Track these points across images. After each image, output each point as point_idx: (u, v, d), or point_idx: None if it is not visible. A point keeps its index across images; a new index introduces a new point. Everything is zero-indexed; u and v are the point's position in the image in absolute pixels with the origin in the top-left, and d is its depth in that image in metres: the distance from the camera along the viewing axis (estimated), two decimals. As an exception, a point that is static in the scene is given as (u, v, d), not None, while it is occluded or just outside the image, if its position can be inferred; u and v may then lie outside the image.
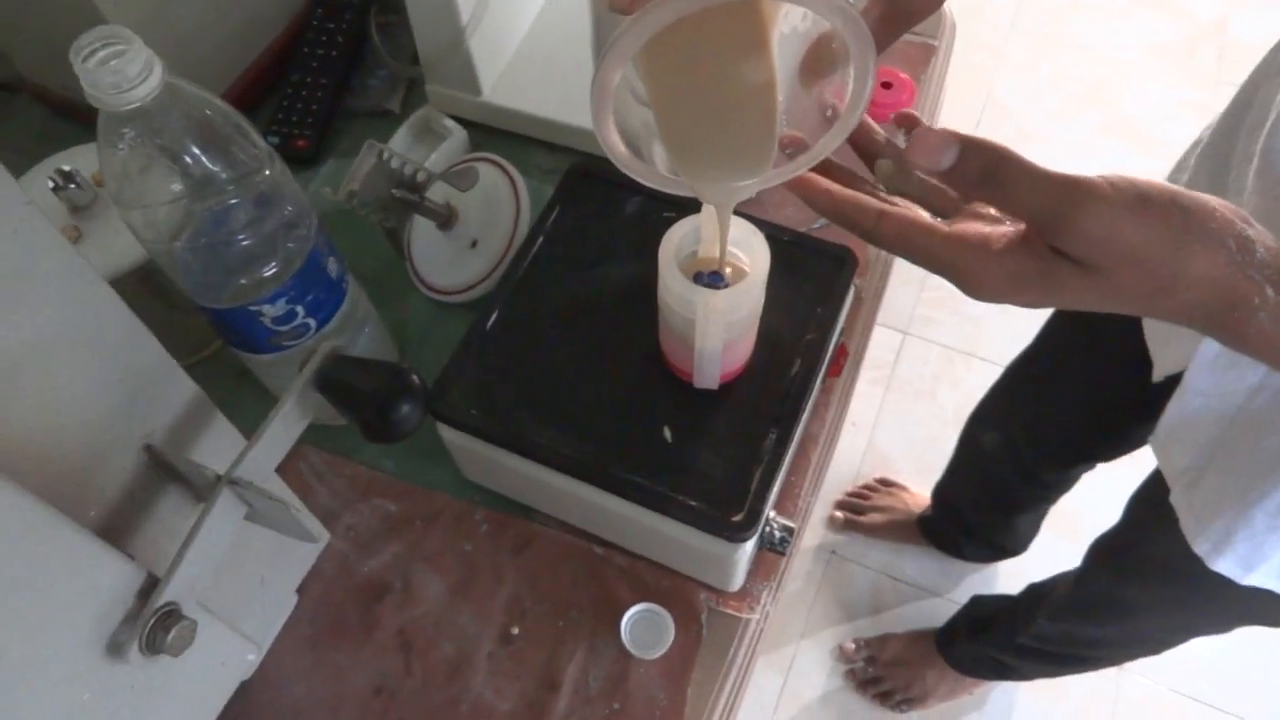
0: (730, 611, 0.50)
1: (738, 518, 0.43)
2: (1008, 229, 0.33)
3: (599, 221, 0.54)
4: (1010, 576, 1.29)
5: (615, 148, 0.34)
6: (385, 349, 0.57)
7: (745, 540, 0.44)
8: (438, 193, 0.57)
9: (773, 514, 0.47)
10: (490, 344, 0.49)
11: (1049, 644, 0.95)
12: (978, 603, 1.16)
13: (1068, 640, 0.92)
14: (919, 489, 1.36)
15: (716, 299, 0.40)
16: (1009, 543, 1.22)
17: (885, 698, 1.19)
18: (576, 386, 0.48)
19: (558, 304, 0.51)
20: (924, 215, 0.35)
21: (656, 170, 0.37)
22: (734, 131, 0.37)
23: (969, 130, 0.32)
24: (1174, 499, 0.56)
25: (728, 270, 0.44)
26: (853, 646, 1.23)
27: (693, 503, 0.44)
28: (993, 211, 0.34)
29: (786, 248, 0.50)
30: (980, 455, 1.08)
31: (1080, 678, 1.16)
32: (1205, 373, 0.52)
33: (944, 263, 0.33)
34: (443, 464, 0.54)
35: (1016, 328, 0.99)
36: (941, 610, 1.29)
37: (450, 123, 0.67)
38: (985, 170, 0.31)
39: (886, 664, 1.20)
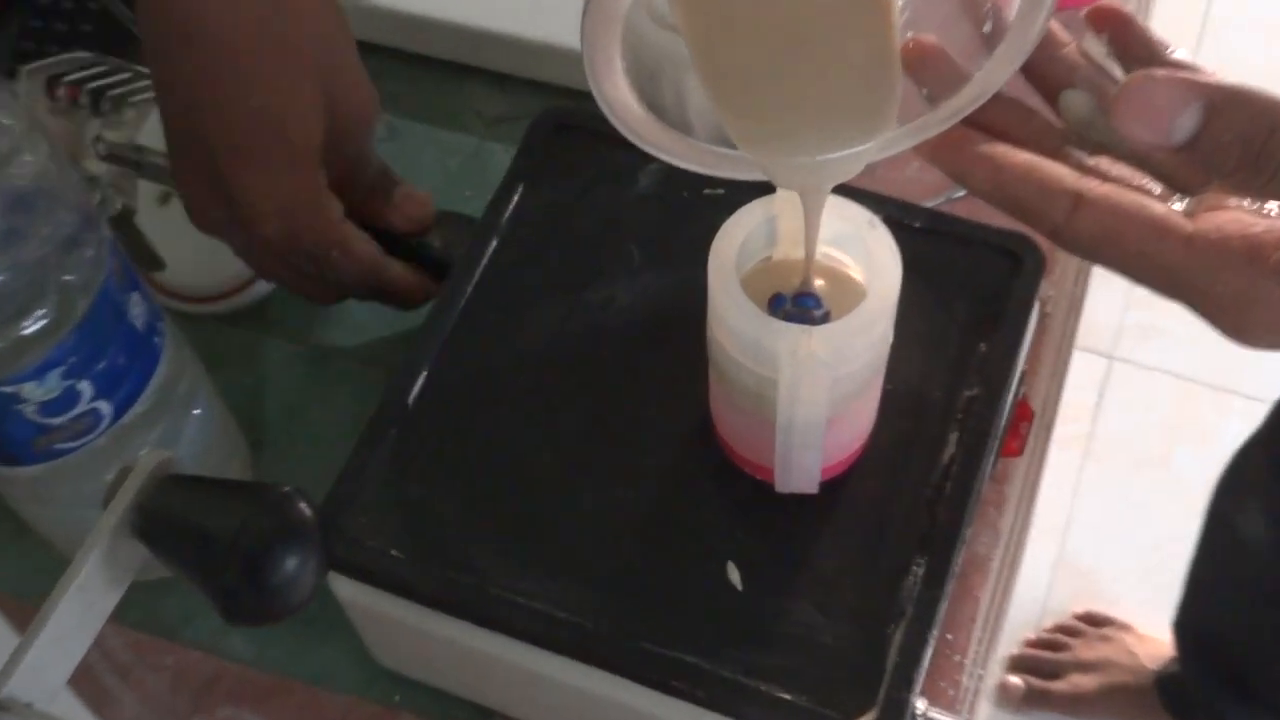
0: None
1: (867, 717, 0.43)
2: None
3: (590, 207, 0.55)
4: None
5: (626, 107, 0.36)
6: (227, 444, 0.58)
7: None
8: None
9: (923, 705, 0.47)
10: (415, 430, 0.50)
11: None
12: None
13: None
14: (1152, 627, 1.36)
15: (813, 340, 0.41)
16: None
17: None
18: (568, 500, 0.48)
19: (528, 356, 0.51)
20: (1150, 200, 0.36)
21: (696, 143, 0.37)
22: (826, 64, 0.38)
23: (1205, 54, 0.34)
24: None
25: (819, 284, 0.45)
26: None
27: (784, 694, 0.44)
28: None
29: (918, 241, 0.51)
30: (1244, 550, 1.09)
31: None
32: None
33: (1189, 282, 0.35)
34: (335, 640, 0.55)
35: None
36: None
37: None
38: (1251, 143, 0.33)
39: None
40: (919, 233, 0.52)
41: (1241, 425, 1.07)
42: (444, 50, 0.71)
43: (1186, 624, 1.24)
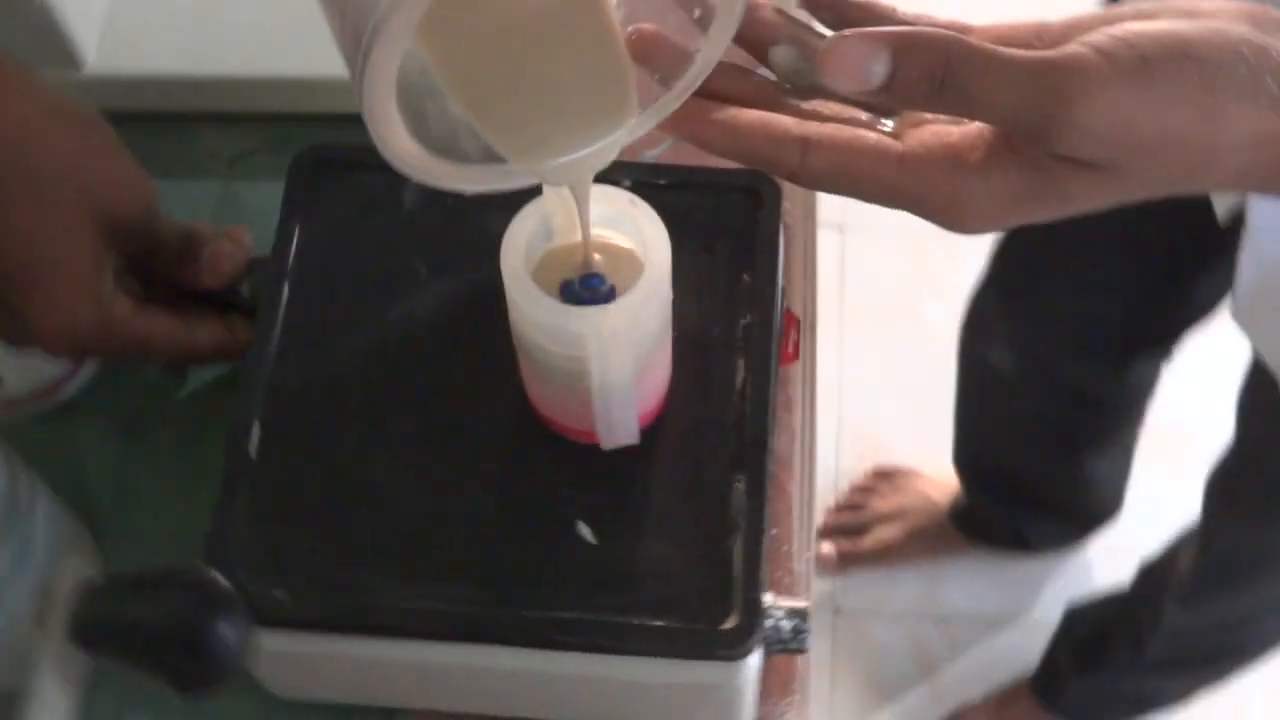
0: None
1: (730, 621, 0.49)
2: (981, 129, 0.40)
3: (368, 233, 0.57)
4: (1108, 562, 1.42)
5: (411, 155, 0.39)
6: (77, 538, 0.58)
7: (748, 651, 0.49)
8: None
9: (771, 597, 0.52)
10: (265, 478, 0.52)
11: (1191, 641, 1.08)
12: (1076, 617, 1.29)
13: (1213, 628, 1.05)
14: (936, 468, 1.47)
15: (611, 318, 0.45)
16: (1087, 505, 1.35)
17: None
18: (422, 502, 0.52)
19: (349, 383, 0.54)
20: (863, 132, 0.41)
21: (474, 168, 0.41)
22: (565, 72, 0.42)
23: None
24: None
25: (599, 261, 0.49)
26: None
27: (656, 621, 0.49)
28: None
29: (670, 197, 0.56)
30: (997, 382, 1.20)
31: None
32: (1273, 205, 0.63)
33: (907, 194, 0.40)
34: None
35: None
36: (1024, 644, 1.41)
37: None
38: (933, 77, 0.37)
39: (975, 758, 1.32)
40: (669, 189, 0.57)
41: (972, 267, 1.17)
42: (164, 103, 0.72)
43: (964, 457, 1.35)
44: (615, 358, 0.46)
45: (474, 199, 0.56)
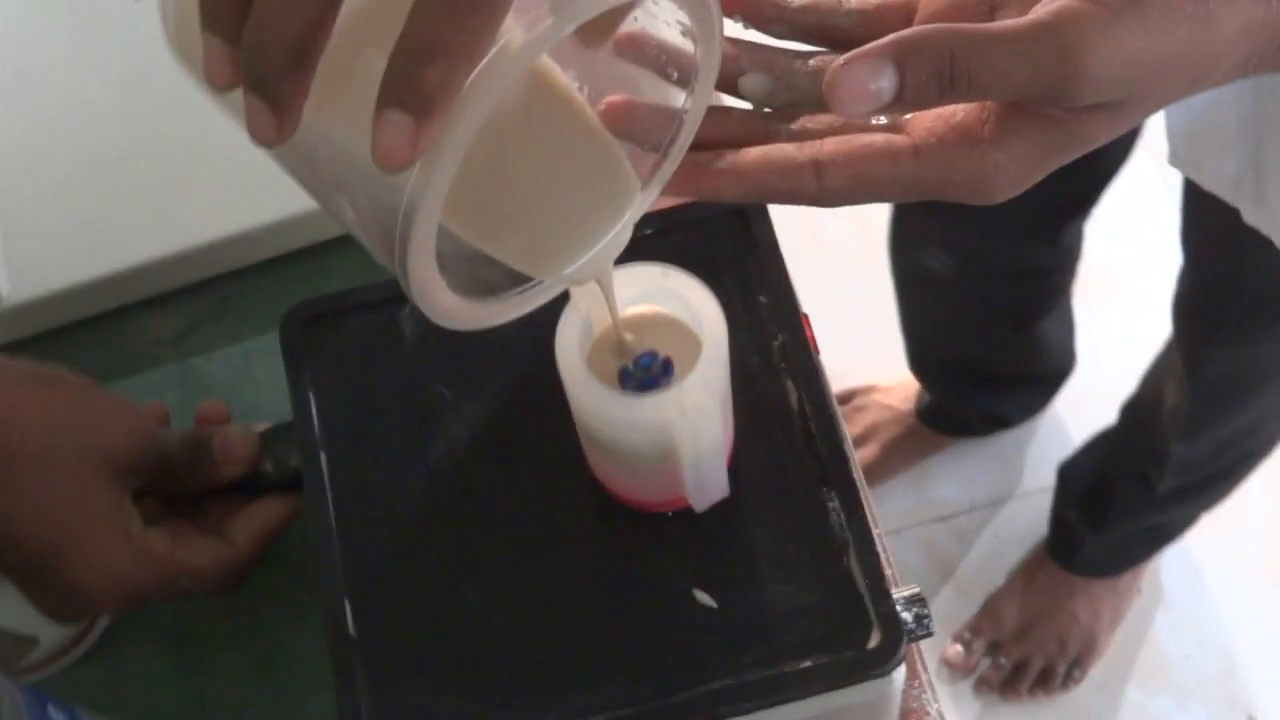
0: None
1: (874, 640, 0.49)
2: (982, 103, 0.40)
3: (380, 374, 0.56)
4: (1083, 413, 1.45)
5: (456, 310, 0.39)
6: None
7: (898, 662, 0.50)
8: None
9: (895, 593, 0.52)
10: (375, 649, 0.51)
11: (1200, 468, 1.12)
12: (1071, 473, 1.32)
13: (1221, 448, 1.08)
14: (893, 377, 1.49)
15: (690, 394, 0.45)
16: (1046, 367, 1.39)
17: (1047, 682, 1.34)
18: (539, 616, 0.51)
19: (422, 525, 0.53)
20: (869, 136, 0.41)
21: (511, 299, 0.42)
22: (562, 185, 0.42)
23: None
24: (1248, 218, 0.70)
25: (629, 338, 0.49)
26: (959, 649, 1.37)
27: (803, 663, 0.49)
28: None
29: (666, 242, 0.56)
30: (937, 284, 1.22)
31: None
32: None
33: (932, 184, 0.41)
34: None
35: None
36: (1028, 516, 1.45)
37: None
38: (942, 75, 0.38)
39: (1017, 637, 1.35)
40: (658, 237, 0.57)
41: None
42: (92, 307, 0.71)
43: (921, 361, 1.38)
44: (703, 429, 0.46)
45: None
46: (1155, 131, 1.02)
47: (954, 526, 1.47)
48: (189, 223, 0.69)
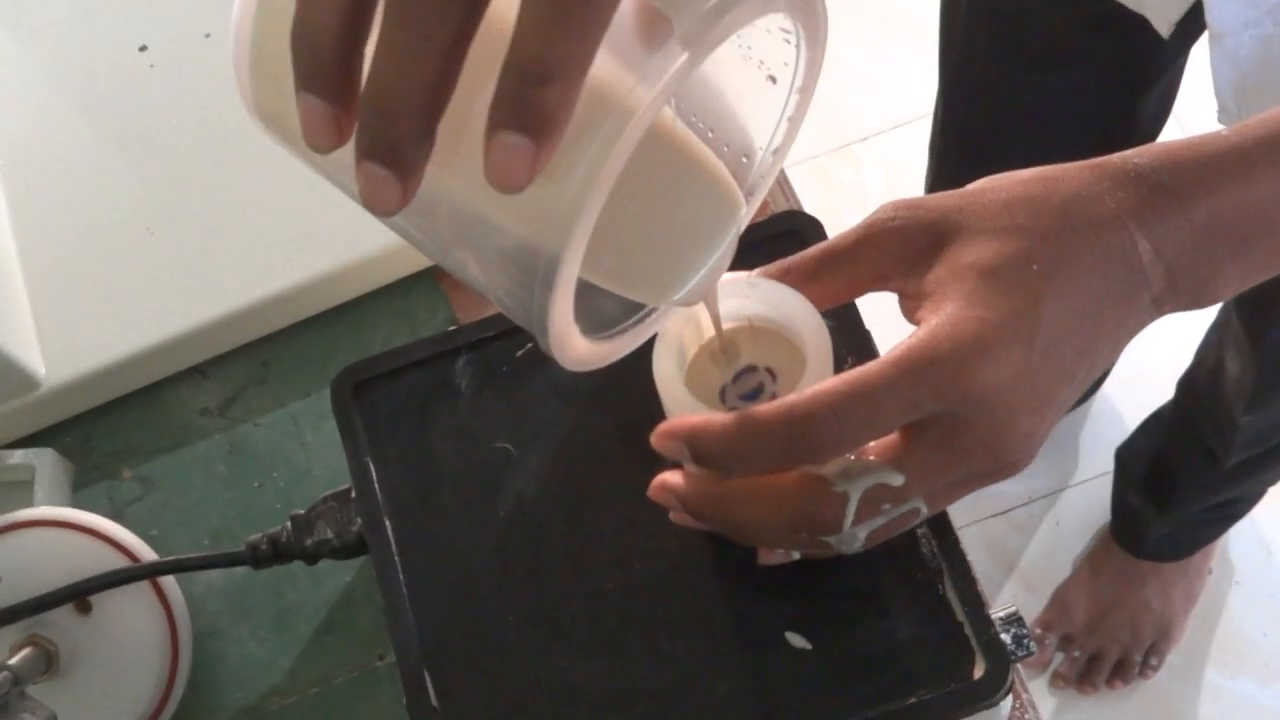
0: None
1: (979, 670, 0.48)
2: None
3: (439, 433, 0.55)
4: (1135, 394, 1.43)
5: (588, 354, 0.39)
6: None
7: (1007, 691, 0.48)
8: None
9: (995, 614, 0.51)
10: (463, 718, 0.50)
11: (1271, 436, 1.09)
12: (1130, 456, 1.30)
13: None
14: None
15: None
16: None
17: (1124, 672, 1.32)
18: (625, 677, 0.50)
19: (497, 588, 0.52)
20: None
21: (631, 331, 0.42)
22: (670, 197, 0.41)
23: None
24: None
25: (734, 353, 0.49)
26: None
27: (909, 700, 0.48)
28: None
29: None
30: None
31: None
32: (1233, 5, 0.64)
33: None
34: None
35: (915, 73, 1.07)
36: (1088, 504, 1.43)
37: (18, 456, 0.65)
38: (905, 254, 0.45)
39: (1090, 629, 1.33)
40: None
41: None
42: (133, 383, 0.70)
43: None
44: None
45: (525, 358, 0.55)
46: (1186, 106, 1.01)
47: (1013, 520, 1.45)
48: (224, 289, 0.68)
